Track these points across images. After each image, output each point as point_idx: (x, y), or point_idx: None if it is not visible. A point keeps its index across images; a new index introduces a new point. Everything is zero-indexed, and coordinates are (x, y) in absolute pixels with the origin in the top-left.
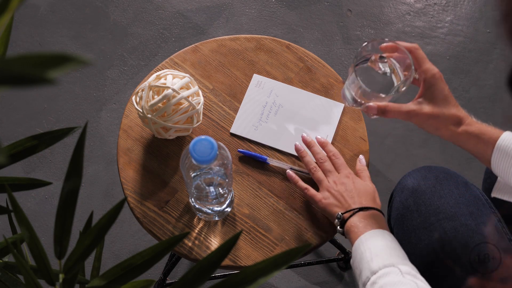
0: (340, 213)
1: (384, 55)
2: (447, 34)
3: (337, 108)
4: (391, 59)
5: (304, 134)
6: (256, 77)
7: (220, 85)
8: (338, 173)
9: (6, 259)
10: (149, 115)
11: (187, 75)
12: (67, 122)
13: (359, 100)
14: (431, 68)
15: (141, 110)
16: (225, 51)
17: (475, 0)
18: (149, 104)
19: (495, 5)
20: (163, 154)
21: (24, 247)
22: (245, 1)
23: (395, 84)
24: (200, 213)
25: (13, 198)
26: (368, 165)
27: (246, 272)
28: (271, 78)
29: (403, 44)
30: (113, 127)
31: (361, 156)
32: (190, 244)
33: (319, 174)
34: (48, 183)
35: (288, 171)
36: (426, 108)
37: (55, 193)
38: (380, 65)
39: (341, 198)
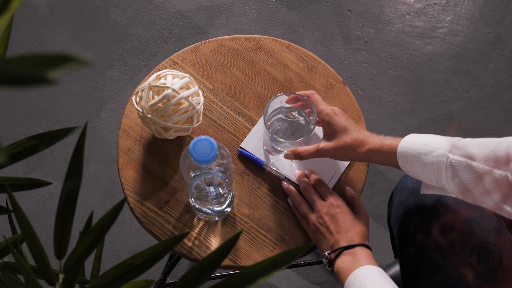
0: (326, 253)
1: (290, 105)
2: (447, 34)
3: None
4: (296, 108)
5: (297, 171)
6: (280, 97)
7: (220, 85)
8: (324, 200)
9: (6, 259)
10: (149, 115)
11: (187, 75)
12: (67, 122)
13: (278, 149)
14: (324, 108)
15: (141, 110)
16: (225, 51)
17: (475, 0)
18: (149, 104)
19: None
20: (163, 154)
21: (24, 247)
22: (245, 1)
23: (304, 128)
24: (200, 213)
25: (13, 198)
26: (368, 164)
27: (246, 272)
28: (271, 78)
29: (301, 92)
30: (113, 127)
31: (348, 188)
32: (190, 244)
33: (303, 207)
34: (48, 183)
35: (284, 182)
36: (331, 142)
37: (55, 193)
38: (288, 115)
39: (327, 232)
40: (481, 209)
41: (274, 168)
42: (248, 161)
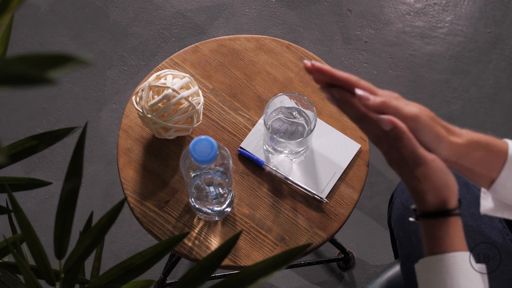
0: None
1: (289, 106)
2: (447, 34)
3: (353, 148)
4: (297, 108)
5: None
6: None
7: (220, 85)
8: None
9: (6, 259)
10: (149, 115)
11: (187, 75)
12: (67, 122)
13: (278, 149)
14: (406, 111)
15: (141, 110)
16: (225, 51)
17: (475, 0)
18: (149, 104)
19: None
20: (163, 154)
21: (24, 247)
22: (245, 1)
23: (306, 127)
24: (200, 213)
25: (13, 198)
26: (368, 165)
27: (246, 272)
28: (271, 78)
29: (381, 99)
30: (113, 127)
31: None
32: (190, 244)
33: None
34: (48, 183)
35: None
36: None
37: (55, 193)
38: (288, 115)
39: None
40: None
41: (274, 168)
42: (248, 161)
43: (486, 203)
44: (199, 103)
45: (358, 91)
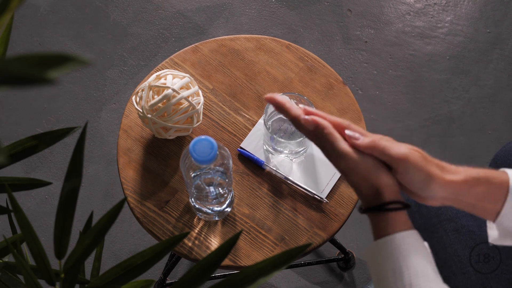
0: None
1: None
2: (447, 34)
3: None
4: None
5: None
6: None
7: (220, 85)
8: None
9: (6, 259)
10: (149, 115)
11: (187, 75)
12: (67, 122)
13: (278, 149)
14: (397, 151)
15: (141, 110)
16: (225, 51)
17: (475, 0)
18: (149, 104)
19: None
20: (163, 154)
21: (24, 247)
22: (245, 1)
23: None
24: (200, 213)
25: (13, 198)
26: None
27: (246, 272)
28: (271, 78)
29: (367, 144)
30: (113, 127)
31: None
32: (190, 244)
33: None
34: (48, 183)
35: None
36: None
37: (55, 193)
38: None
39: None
40: None
41: (274, 168)
42: (248, 161)
43: (493, 233)
44: (199, 103)
45: (348, 132)
